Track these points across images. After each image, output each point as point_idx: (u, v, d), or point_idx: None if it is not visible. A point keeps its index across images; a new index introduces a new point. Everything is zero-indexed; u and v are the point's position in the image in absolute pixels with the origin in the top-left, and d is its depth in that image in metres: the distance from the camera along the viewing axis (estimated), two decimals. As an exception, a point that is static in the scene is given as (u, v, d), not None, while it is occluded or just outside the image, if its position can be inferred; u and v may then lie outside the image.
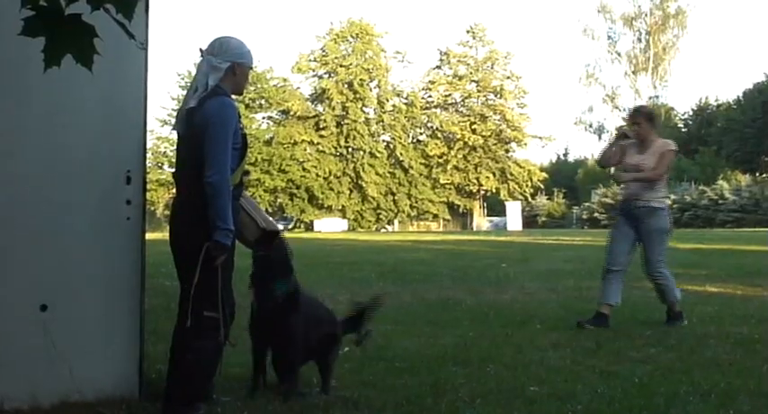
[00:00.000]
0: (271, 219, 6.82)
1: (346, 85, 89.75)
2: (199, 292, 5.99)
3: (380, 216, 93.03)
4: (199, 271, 5.95)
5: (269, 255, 6.72)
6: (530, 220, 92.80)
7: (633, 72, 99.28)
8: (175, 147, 6.63)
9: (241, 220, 6.38)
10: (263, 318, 6.78)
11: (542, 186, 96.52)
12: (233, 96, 6.32)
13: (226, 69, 6.19)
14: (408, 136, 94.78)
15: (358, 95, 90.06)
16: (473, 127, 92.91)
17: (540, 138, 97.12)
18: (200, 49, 6.31)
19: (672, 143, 11.29)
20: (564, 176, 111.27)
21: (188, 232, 6.10)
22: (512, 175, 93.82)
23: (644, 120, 11.03)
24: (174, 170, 6.50)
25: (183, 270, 6.16)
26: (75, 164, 6.33)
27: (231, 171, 6.01)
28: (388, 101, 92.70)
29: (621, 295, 11.23)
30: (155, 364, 7.33)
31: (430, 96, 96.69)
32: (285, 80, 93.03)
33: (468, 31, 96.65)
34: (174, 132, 6.49)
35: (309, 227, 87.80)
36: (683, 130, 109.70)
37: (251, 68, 6.51)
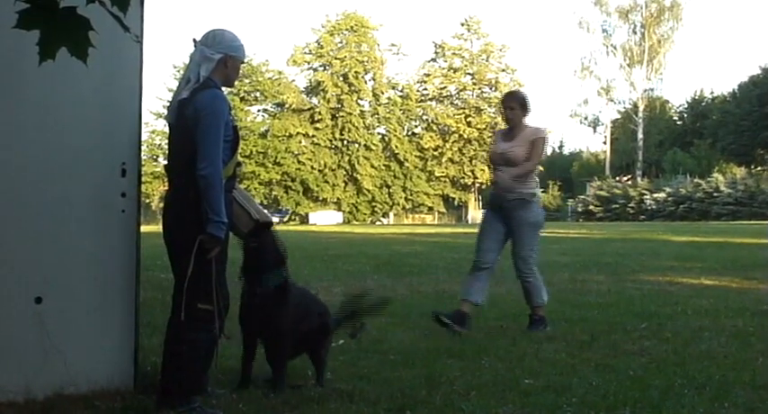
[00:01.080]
0: (264, 210, 6.81)
1: (341, 78, 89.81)
2: (193, 284, 5.99)
3: (375, 209, 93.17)
4: (192, 263, 5.95)
5: (260, 246, 6.73)
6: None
7: (628, 65, 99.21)
8: (167, 138, 6.63)
9: (234, 211, 6.38)
10: (252, 308, 6.80)
11: (537, 179, 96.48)
12: (223, 89, 6.32)
13: (218, 61, 6.19)
14: (403, 128, 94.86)
15: (353, 88, 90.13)
16: (468, 120, 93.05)
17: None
18: (194, 40, 6.31)
19: (542, 130, 10.60)
20: (559, 169, 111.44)
21: (180, 224, 6.09)
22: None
23: (518, 105, 10.24)
24: (165, 162, 6.50)
25: (177, 262, 6.16)
26: (70, 157, 6.32)
27: (223, 163, 6.00)
28: (383, 93, 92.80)
29: (486, 296, 10.54)
30: (150, 356, 7.33)
31: (425, 89, 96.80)
32: (280, 73, 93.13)
33: (463, 24, 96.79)
34: (167, 124, 6.49)
35: (304, 219, 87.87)
36: (679, 122, 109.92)
37: (242, 62, 6.51)
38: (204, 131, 5.91)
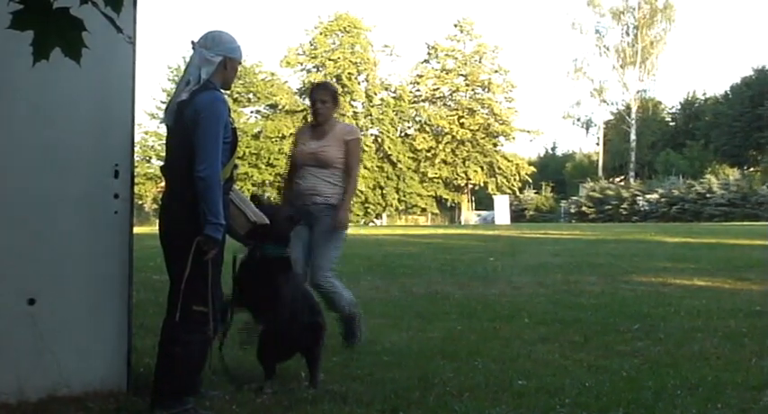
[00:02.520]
0: (260, 212, 6.81)
1: (335, 79, 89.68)
2: (188, 286, 5.99)
3: (369, 210, 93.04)
4: (190, 264, 5.95)
5: (270, 217, 6.73)
6: (518, 214, 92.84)
7: (621, 66, 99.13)
8: (165, 140, 6.63)
9: (230, 213, 6.38)
10: (249, 270, 6.81)
11: (530, 180, 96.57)
12: (222, 91, 6.34)
13: (218, 63, 6.21)
14: (396, 130, 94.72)
15: (346, 89, 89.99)
16: (461, 121, 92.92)
17: (528, 132, 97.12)
18: (192, 42, 6.32)
19: (356, 130, 9.76)
20: (552, 170, 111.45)
21: (177, 226, 6.10)
22: (500, 168, 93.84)
23: (331, 98, 9.23)
24: (162, 164, 6.50)
25: (173, 264, 6.16)
26: (63, 158, 6.32)
27: (221, 165, 6.01)
28: (376, 94, 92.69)
29: None
30: (143, 357, 7.34)
31: (418, 90, 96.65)
32: (273, 74, 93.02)
33: (455, 25, 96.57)
34: (163, 125, 6.49)
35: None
36: (671, 123, 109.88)
37: (240, 64, 6.52)
38: (204, 133, 5.91)
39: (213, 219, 5.87)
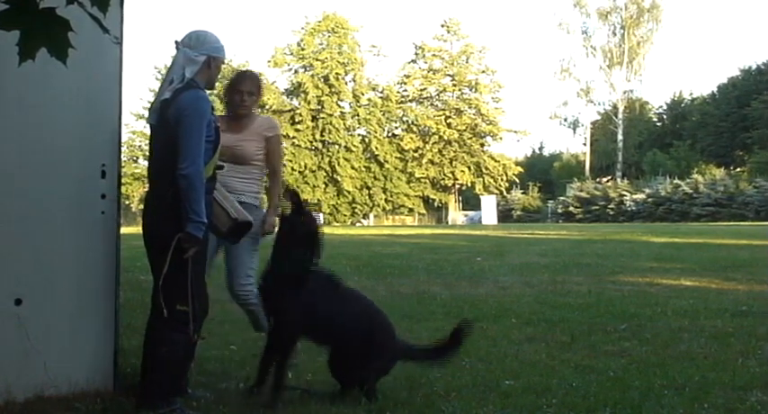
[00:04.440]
0: (243, 210, 6.79)
1: (322, 79, 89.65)
2: (169, 284, 5.98)
3: (356, 210, 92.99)
4: (168, 262, 5.94)
5: (290, 230, 6.69)
6: (505, 214, 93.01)
7: (608, 66, 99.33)
8: (149, 140, 6.62)
9: (213, 211, 6.37)
10: (262, 288, 6.76)
11: (517, 180, 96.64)
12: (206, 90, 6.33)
13: (202, 62, 6.20)
14: (384, 130, 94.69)
15: (333, 89, 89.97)
16: (448, 121, 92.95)
17: (516, 132, 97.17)
18: (176, 42, 6.31)
19: (277, 125, 8.96)
20: (539, 170, 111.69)
21: (159, 225, 6.08)
22: (487, 169, 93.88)
23: (256, 89, 8.58)
24: (148, 163, 6.49)
25: (156, 263, 6.14)
26: (49, 158, 6.30)
27: (204, 164, 5.99)
28: (363, 95, 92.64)
29: None
30: (130, 358, 7.32)
31: (405, 90, 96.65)
32: (261, 74, 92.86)
33: (442, 25, 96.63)
34: (149, 125, 6.47)
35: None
36: (658, 124, 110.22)
37: (224, 63, 6.51)
38: (186, 131, 5.90)
39: (195, 217, 5.85)
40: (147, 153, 6.72)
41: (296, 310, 6.63)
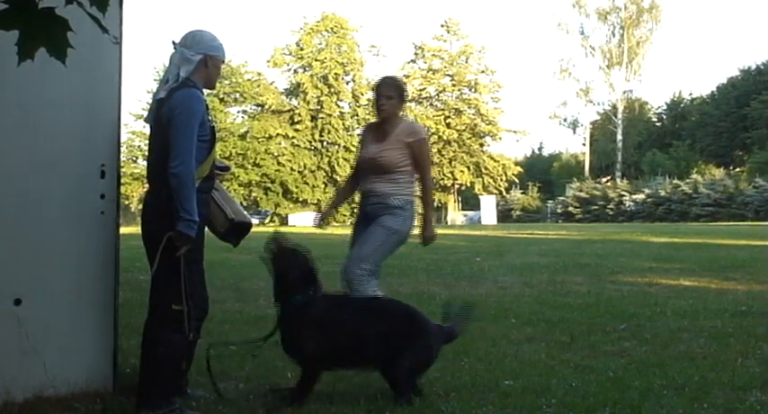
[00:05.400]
0: (243, 211, 6.77)
1: (321, 79, 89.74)
2: (163, 283, 5.99)
3: (355, 210, 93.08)
4: (158, 260, 5.93)
5: (277, 271, 6.66)
6: (504, 214, 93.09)
7: (607, 66, 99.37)
8: (147, 140, 6.62)
9: (211, 211, 6.37)
10: (281, 331, 6.67)
11: (517, 180, 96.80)
12: (205, 90, 6.31)
13: (198, 62, 6.19)
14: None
15: (333, 89, 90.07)
16: (447, 121, 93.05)
17: (515, 132, 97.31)
18: (173, 42, 6.31)
19: (420, 129, 8.92)
20: (538, 170, 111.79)
21: (154, 224, 6.07)
22: (486, 169, 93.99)
23: (397, 94, 8.47)
24: (146, 163, 6.50)
25: (152, 262, 6.13)
26: (49, 158, 6.30)
27: (198, 163, 5.97)
28: (362, 95, 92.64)
29: None
30: (129, 358, 7.32)
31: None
32: (260, 74, 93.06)
33: (442, 26, 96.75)
34: (148, 125, 6.47)
35: (284, 221, 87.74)
36: (658, 124, 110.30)
37: (223, 62, 6.49)
38: (177, 129, 5.88)
39: (186, 215, 5.82)
40: (146, 153, 6.71)
41: (310, 344, 6.52)
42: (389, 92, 8.44)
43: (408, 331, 6.69)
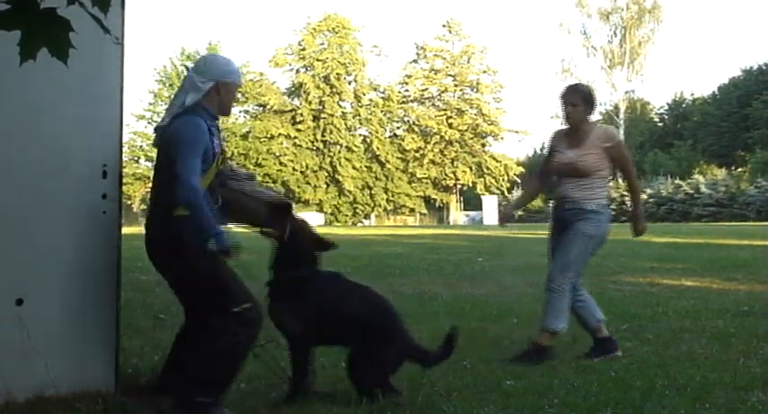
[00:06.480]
0: (275, 194, 6.76)
1: (323, 79, 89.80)
2: (221, 292, 6.00)
3: (357, 210, 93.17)
4: (207, 277, 5.98)
5: (281, 240, 6.66)
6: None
7: (609, 66, 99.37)
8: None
9: (245, 206, 6.35)
10: (270, 300, 6.70)
11: (519, 180, 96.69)
12: (219, 116, 6.27)
13: (208, 89, 6.12)
14: (385, 130, 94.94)
15: (335, 89, 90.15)
16: (449, 121, 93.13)
17: (517, 132, 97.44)
18: (186, 67, 6.28)
19: (614, 134, 9.13)
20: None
21: (169, 247, 6.03)
22: (488, 169, 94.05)
23: (581, 101, 8.64)
24: (151, 168, 6.49)
25: (185, 289, 6.14)
26: (51, 158, 6.29)
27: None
28: (364, 95, 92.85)
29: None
30: (131, 358, 7.33)
31: (407, 90, 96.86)
32: (262, 74, 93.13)
33: (444, 26, 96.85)
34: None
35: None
36: (659, 124, 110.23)
37: (238, 86, 6.43)
38: (177, 157, 5.85)
39: (212, 231, 5.81)
40: (149, 153, 6.79)
41: (294, 319, 6.60)
42: (574, 100, 8.66)
43: (382, 324, 6.76)
